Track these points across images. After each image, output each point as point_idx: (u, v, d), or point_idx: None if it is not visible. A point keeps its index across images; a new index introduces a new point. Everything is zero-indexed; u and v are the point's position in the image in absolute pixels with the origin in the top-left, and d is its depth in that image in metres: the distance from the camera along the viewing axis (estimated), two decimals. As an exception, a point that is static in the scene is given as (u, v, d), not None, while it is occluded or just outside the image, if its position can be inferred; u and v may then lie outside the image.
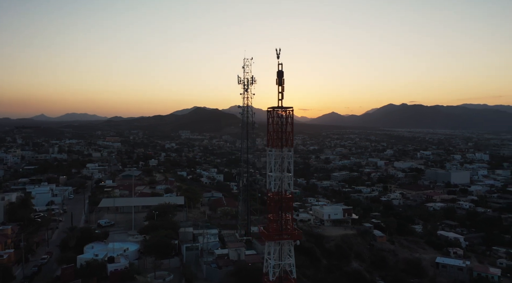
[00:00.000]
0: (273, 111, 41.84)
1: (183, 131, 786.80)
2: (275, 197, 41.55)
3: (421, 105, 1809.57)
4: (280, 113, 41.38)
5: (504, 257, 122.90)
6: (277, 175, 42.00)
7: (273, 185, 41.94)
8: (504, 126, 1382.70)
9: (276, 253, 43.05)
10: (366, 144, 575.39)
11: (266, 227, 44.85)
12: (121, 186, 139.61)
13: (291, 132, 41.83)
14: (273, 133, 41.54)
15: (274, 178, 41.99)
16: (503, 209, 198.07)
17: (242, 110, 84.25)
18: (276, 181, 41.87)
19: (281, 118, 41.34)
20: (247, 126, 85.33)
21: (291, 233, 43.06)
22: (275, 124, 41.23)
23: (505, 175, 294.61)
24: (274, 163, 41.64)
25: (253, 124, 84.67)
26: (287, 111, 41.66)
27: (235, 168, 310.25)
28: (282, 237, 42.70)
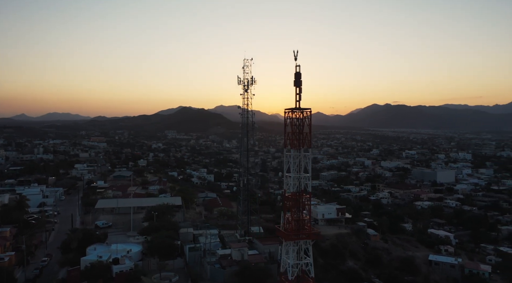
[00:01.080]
0: (292, 112, 42.34)
1: (169, 131, 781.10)
2: (293, 197, 42.06)
3: (405, 105, 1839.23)
4: (297, 114, 41.89)
5: (493, 254, 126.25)
6: (295, 175, 42.53)
7: (292, 186, 42.42)
8: (484, 126, 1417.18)
9: (295, 252, 43.57)
10: (352, 144, 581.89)
11: (284, 226, 45.33)
12: (114, 187, 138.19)
13: (309, 133, 42.40)
14: (291, 134, 42.01)
15: (293, 179, 42.50)
16: (488, 207, 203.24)
17: (242, 111, 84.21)
18: (294, 182, 42.37)
19: (298, 119, 41.86)
20: (247, 127, 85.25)
21: (308, 233, 43.59)
22: (293, 125, 41.72)
23: (488, 174, 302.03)
24: (293, 163, 42.13)
25: (253, 124, 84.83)
26: (305, 112, 42.22)
27: (224, 168, 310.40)
28: (300, 237, 43.22)
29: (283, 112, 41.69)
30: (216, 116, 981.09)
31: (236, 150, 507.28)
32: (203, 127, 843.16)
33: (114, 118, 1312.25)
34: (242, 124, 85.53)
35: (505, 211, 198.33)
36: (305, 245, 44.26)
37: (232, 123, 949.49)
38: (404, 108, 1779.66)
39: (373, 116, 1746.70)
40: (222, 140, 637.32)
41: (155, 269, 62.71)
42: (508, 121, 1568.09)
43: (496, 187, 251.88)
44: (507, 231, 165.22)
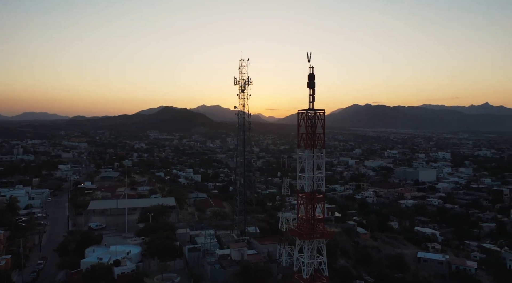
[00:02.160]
0: (306, 113, 43.05)
1: (151, 131, 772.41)
2: (308, 197, 42.76)
3: (384, 106, 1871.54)
4: (311, 115, 42.62)
5: (477, 251, 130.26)
6: (310, 175, 43.27)
7: (307, 186, 43.13)
8: (460, 126, 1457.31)
9: (309, 251, 44.29)
10: (335, 144, 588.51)
11: (298, 226, 45.99)
12: (102, 188, 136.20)
13: (323, 134, 43.21)
14: (306, 134, 42.72)
15: (307, 179, 43.21)
16: (469, 205, 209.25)
17: (238, 111, 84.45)
18: (309, 182, 43.09)
19: (312, 120, 42.58)
20: (244, 127, 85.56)
21: (322, 232, 44.39)
22: (307, 126, 42.43)
23: (467, 172, 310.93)
24: (308, 164, 42.85)
25: (249, 124, 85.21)
26: (319, 113, 43.00)
27: (210, 168, 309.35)
28: (314, 236, 43.97)
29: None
30: (199, 116, 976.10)
31: (220, 150, 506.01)
32: (185, 127, 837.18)
33: (94, 118, 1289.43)
34: (238, 124, 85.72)
35: (485, 209, 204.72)
36: (319, 244, 45.09)
37: (215, 123, 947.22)
38: (384, 108, 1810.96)
39: (354, 116, 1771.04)
40: (206, 140, 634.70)
41: (156, 271, 62.49)
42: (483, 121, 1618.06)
43: (476, 186, 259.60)
44: (488, 228, 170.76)
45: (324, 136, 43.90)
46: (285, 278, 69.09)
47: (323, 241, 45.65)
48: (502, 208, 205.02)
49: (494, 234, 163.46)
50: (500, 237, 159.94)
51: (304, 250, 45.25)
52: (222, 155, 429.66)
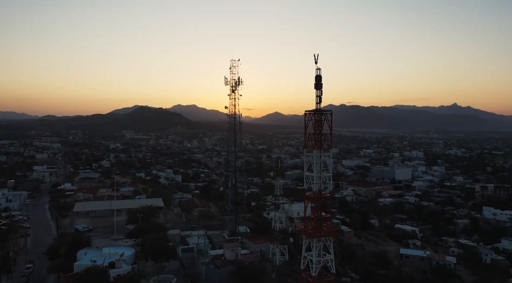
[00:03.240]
0: (314, 114, 43.90)
1: (126, 131, 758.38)
2: (316, 196, 43.61)
3: (359, 106, 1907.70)
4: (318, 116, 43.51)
5: (454, 246, 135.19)
6: (317, 175, 44.14)
7: (314, 185, 43.97)
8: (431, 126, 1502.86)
9: (317, 250, 45.19)
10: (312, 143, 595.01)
11: (305, 225, 46.78)
12: (84, 189, 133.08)
13: (331, 134, 44.19)
14: (314, 135, 43.59)
15: (315, 178, 44.05)
16: (444, 202, 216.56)
17: (229, 111, 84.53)
18: (316, 181, 43.94)
19: (319, 121, 43.48)
20: (235, 127, 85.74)
21: (329, 231, 45.39)
22: (315, 127, 43.30)
23: (440, 171, 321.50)
24: (316, 164, 43.71)
25: (240, 125, 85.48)
26: (326, 114, 43.95)
27: (189, 168, 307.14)
28: (322, 234, 44.88)
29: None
30: (175, 115, 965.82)
31: (198, 150, 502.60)
32: (162, 127, 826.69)
33: (65, 117, 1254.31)
34: (229, 124, 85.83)
35: (458, 206, 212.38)
36: (325, 242, 46.15)
37: (191, 122, 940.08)
38: (358, 109, 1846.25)
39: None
40: (183, 140, 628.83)
41: (151, 272, 62.01)
42: (452, 121, 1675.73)
43: (449, 184, 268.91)
44: (463, 224, 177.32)
45: (331, 136, 44.97)
46: (278, 276, 69.97)
47: (330, 239, 46.78)
48: (474, 205, 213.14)
49: (468, 230, 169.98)
50: (474, 232, 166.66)
51: (312, 248, 46.18)
52: (200, 155, 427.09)
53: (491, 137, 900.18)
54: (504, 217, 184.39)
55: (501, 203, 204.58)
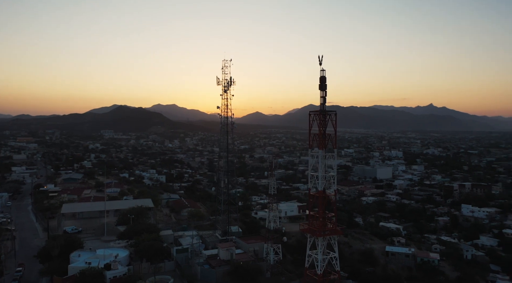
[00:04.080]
0: (320, 115, 44.68)
1: (105, 131, 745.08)
2: (320, 196, 44.35)
3: (338, 106, 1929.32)
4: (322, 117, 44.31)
5: (436, 243, 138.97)
6: (322, 174, 44.93)
7: (320, 184, 44.73)
8: (409, 125, 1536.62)
9: (323, 248, 45.99)
10: (293, 143, 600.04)
11: (310, 224, 47.47)
12: (68, 191, 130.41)
13: (335, 134, 45.04)
14: (319, 135, 44.38)
15: (320, 178, 44.81)
16: (424, 200, 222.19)
17: (221, 111, 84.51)
18: (322, 181, 44.71)
19: (323, 122, 44.27)
20: (227, 127, 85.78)
21: (334, 229, 46.29)
22: (320, 127, 44.08)
23: (419, 170, 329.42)
24: (321, 163, 44.52)
25: (232, 124, 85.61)
26: (330, 115, 44.82)
27: (172, 168, 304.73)
28: (327, 233, 45.71)
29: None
30: (155, 115, 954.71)
31: (180, 150, 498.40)
32: (142, 127, 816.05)
33: (41, 117, 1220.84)
34: (221, 124, 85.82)
35: (438, 204, 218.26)
36: (330, 240, 47.08)
37: (172, 122, 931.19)
38: (337, 108, 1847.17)
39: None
40: (164, 140, 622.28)
41: (147, 273, 61.62)
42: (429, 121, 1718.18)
43: (428, 182, 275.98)
44: (443, 221, 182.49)
45: (336, 136, 45.85)
46: (273, 275, 70.62)
47: (335, 238, 47.73)
48: (453, 202, 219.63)
49: (448, 227, 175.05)
50: (454, 229, 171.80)
51: (318, 246, 47.02)
52: (182, 155, 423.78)
53: (465, 136, 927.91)
54: (482, 214, 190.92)
55: (478, 200, 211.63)
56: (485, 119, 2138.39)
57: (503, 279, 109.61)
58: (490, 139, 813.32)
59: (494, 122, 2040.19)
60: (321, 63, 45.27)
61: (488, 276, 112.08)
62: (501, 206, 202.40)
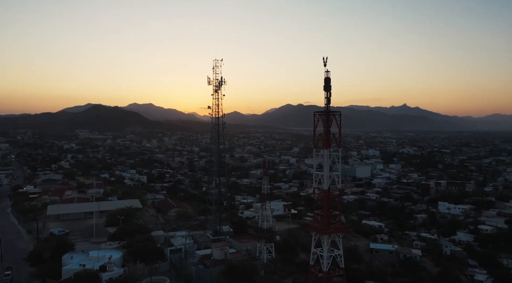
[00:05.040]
0: (325, 115, 45.56)
1: (80, 130, 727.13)
2: (326, 195, 45.23)
3: (316, 106, 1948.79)
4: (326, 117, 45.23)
5: (417, 240, 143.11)
6: (328, 173, 45.85)
7: (325, 183, 45.62)
8: (384, 125, 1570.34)
9: (329, 245, 46.94)
10: (273, 143, 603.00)
11: (315, 222, 48.32)
12: (49, 192, 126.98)
13: (339, 134, 46.05)
14: (325, 134, 45.26)
15: (326, 177, 45.69)
16: (402, 198, 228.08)
17: (212, 111, 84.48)
18: (327, 180, 45.61)
19: (327, 122, 45.19)
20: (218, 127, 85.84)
21: (339, 227, 47.42)
22: (325, 127, 44.94)
23: (397, 168, 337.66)
24: (326, 162, 45.41)
25: (223, 124, 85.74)
26: (335, 115, 45.80)
27: (153, 168, 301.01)
28: (332, 231, 46.71)
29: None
30: (132, 114, 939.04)
31: (159, 150, 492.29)
32: (118, 126, 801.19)
33: (11, 116, 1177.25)
34: (213, 124, 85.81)
35: (416, 201, 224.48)
36: (337, 238, 48.30)
37: (150, 122, 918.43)
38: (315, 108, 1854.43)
39: (288, 116, 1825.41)
40: (141, 140, 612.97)
41: (142, 274, 61.15)
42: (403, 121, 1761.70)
43: (405, 180, 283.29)
44: (421, 218, 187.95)
45: (340, 136, 46.89)
46: (267, 274, 71.31)
47: (340, 235, 48.85)
48: (430, 200, 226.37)
49: (427, 224, 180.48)
50: (432, 226, 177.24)
51: (323, 244, 47.99)
52: (161, 155, 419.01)
53: (438, 136, 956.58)
54: (457, 211, 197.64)
55: (453, 198, 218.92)
56: (455, 119, 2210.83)
57: (480, 273, 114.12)
58: (461, 138, 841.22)
59: (464, 122, 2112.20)
60: (326, 64, 46.45)
61: (467, 271, 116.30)
62: (475, 203, 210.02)
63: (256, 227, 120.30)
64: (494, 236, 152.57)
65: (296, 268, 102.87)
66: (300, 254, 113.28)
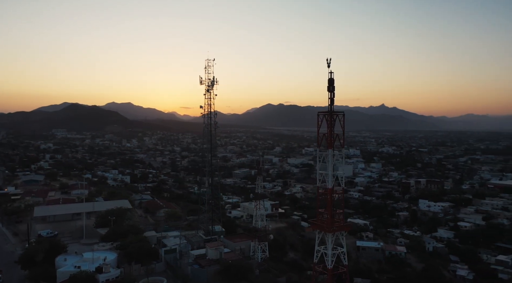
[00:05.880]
0: (329, 115, 46.37)
1: (57, 130, 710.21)
2: (330, 193, 46.04)
3: (296, 106, 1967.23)
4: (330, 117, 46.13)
5: (400, 237, 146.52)
6: (331, 173, 46.68)
7: (329, 182, 46.44)
8: (362, 125, 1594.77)
9: (333, 243, 47.84)
10: (254, 142, 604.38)
11: (318, 220, 49.12)
12: (32, 193, 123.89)
13: (343, 134, 46.96)
14: (329, 135, 46.08)
15: (330, 176, 46.49)
16: (384, 196, 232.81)
17: (204, 111, 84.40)
18: (331, 179, 46.42)
19: (331, 122, 46.04)
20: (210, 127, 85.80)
21: (343, 225, 48.56)
22: (329, 127, 45.76)
23: (378, 167, 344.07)
24: (330, 162, 46.26)
25: (216, 124, 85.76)
26: (338, 115, 46.75)
27: (135, 169, 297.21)
28: (336, 229, 47.66)
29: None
30: (111, 113, 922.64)
31: (140, 149, 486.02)
32: (96, 126, 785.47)
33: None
34: (205, 124, 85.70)
35: (397, 200, 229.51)
36: (341, 236, 49.41)
37: (129, 121, 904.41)
38: (295, 108, 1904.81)
39: (268, 115, 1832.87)
40: (121, 139, 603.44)
41: (138, 275, 60.73)
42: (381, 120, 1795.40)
43: (387, 179, 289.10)
44: (403, 216, 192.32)
45: (344, 136, 47.81)
46: (262, 273, 71.89)
47: (343, 233, 49.83)
48: (411, 198, 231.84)
49: (409, 222, 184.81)
50: (414, 223, 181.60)
51: (328, 242, 48.91)
52: (143, 155, 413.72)
53: (415, 135, 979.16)
54: (437, 208, 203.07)
55: (433, 196, 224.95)
56: (431, 119, 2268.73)
57: (462, 269, 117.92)
58: (437, 138, 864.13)
59: (439, 122, 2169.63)
60: (329, 65, 47.28)
61: (449, 266, 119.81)
62: (453, 201, 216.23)
63: (244, 226, 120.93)
64: (473, 232, 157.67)
65: (286, 267, 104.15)
66: (289, 253, 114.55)
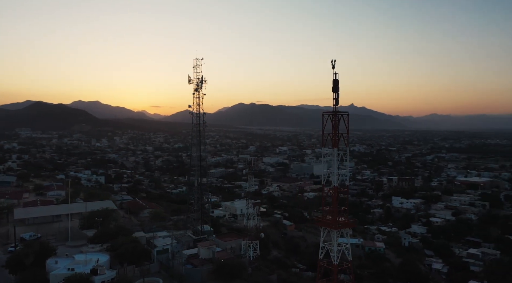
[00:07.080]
0: (334, 115, 47.44)
1: (21, 129, 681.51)
2: (335, 191, 47.18)
3: (268, 105, 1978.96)
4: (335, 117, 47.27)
5: (378, 233, 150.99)
6: (337, 171, 47.77)
7: (335, 181, 47.55)
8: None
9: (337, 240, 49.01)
10: (228, 141, 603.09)
11: (323, 217, 50.14)
12: (6, 195, 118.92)
13: (347, 134, 48.13)
14: (334, 134, 47.17)
15: (335, 175, 47.61)
16: (359, 194, 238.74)
17: (193, 110, 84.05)
18: (336, 177, 47.56)
19: (336, 122, 47.18)
20: (199, 126, 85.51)
21: (347, 222, 49.83)
22: (334, 127, 46.87)
23: (351, 166, 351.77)
24: (335, 161, 47.37)
25: (204, 123, 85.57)
26: (343, 115, 47.91)
27: (108, 169, 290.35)
28: (341, 226, 48.86)
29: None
30: (79, 112, 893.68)
31: (111, 149, 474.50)
32: (63, 125, 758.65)
33: None
34: (193, 123, 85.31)
35: (371, 197, 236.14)
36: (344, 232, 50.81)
37: (98, 120, 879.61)
38: (267, 107, 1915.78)
39: (240, 115, 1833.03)
40: (90, 139, 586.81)
41: (133, 276, 59.96)
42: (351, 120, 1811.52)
43: (360, 177, 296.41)
44: (378, 213, 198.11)
45: (348, 136, 49.06)
46: (254, 271, 72.54)
47: (348, 230, 51.11)
48: (384, 195, 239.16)
49: (383, 218, 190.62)
50: (388, 220, 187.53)
51: (333, 238, 50.10)
52: (114, 155, 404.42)
53: (383, 134, 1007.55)
54: (410, 205, 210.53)
55: (405, 193, 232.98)
56: (398, 118, 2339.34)
57: (437, 262, 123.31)
58: (404, 137, 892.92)
59: (405, 122, 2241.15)
60: (334, 66, 48.43)
61: (424, 261, 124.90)
62: (424, 197, 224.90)
63: (228, 225, 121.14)
64: (444, 227, 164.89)
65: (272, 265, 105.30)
66: (273, 251, 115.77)
